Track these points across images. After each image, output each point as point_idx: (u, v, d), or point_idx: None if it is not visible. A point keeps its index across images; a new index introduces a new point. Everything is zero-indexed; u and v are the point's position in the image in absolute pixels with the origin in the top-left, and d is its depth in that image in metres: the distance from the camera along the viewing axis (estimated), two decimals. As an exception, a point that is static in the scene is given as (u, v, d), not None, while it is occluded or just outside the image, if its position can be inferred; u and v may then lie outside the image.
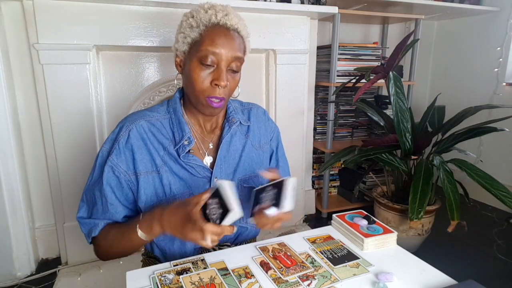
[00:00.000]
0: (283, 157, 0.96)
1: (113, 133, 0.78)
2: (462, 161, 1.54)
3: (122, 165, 0.75)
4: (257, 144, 0.88)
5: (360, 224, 0.82)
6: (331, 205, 2.24)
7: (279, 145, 0.96)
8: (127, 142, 0.75)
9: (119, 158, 0.75)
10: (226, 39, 0.72)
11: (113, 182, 0.75)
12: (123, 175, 0.75)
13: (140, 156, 0.76)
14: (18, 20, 1.44)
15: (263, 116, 0.92)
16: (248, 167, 0.85)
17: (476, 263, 1.73)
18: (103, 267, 1.60)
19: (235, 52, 0.72)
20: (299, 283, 0.64)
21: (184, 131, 0.78)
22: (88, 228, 0.77)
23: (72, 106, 1.50)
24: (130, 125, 0.77)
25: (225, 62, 0.72)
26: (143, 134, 0.77)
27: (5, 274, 1.53)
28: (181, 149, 0.77)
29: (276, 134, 0.95)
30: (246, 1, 1.60)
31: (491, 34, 2.35)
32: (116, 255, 0.79)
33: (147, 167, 0.76)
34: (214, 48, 0.70)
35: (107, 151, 0.77)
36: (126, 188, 0.77)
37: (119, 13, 1.49)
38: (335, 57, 1.97)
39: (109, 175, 0.75)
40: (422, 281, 0.66)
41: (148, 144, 0.76)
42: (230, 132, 0.83)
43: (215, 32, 0.72)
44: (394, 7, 2.14)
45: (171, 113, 0.81)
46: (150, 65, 1.69)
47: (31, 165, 1.61)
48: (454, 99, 2.43)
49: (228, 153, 0.83)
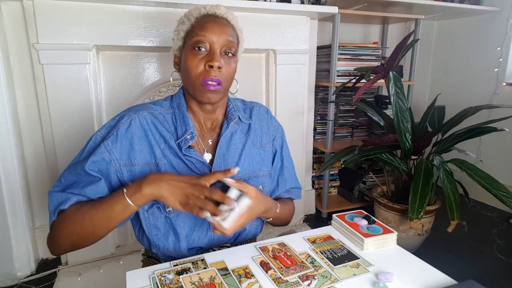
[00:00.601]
0: (288, 157, 0.95)
1: (113, 119, 0.77)
2: (462, 161, 1.54)
3: (116, 152, 0.73)
4: (258, 143, 0.88)
5: (360, 224, 0.82)
6: (331, 205, 2.24)
7: (283, 144, 0.94)
8: (127, 131, 0.75)
9: (114, 144, 0.73)
10: (216, 24, 0.74)
11: (100, 165, 0.72)
12: (114, 162, 0.73)
13: (140, 147, 0.75)
14: (18, 20, 1.45)
15: (265, 115, 0.91)
16: (248, 166, 0.84)
17: (476, 263, 1.73)
18: (103, 267, 1.60)
19: (226, 36, 0.74)
20: (299, 283, 0.64)
21: (188, 125, 0.78)
22: (57, 201, 0.70)
23: (72, 106, 1.50)
24: (133, 114, 0.77)
25: (218, 45, 0.74)
26: (145, 125, 0.77)
27: (5, 274, 1.53)
28: (183, 143, 0.77)
29: (280, 133, 0.93)
30: (246, 1, 1.60)
31: (491, 34, 2.35)
32: (79, 239, 0.70)
33: (146, 159, 0.76)
34: (206, 32, 0.73)
35: (101, 137, 0.75)
36: (113, 176, 0.73)
37: (119, 13, 1.49)
38: (335, 57, 1.97)
39: (98, 159, 0.72)
40: (422, 281, 0.66)
41: (150, 136, 0.76)
42: (230, 130, 0.83)
43: (205, 20, 0.75)
44: (394, 7, 2.14)
45: (175, 108, 0.81)
46: (150, 65, 1.69)
47: (31, 165, 1.61)
48: (454, 99, 2.43)
49: (227, 151, 0.82)
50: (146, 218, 0.77)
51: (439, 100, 1.85)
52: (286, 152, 0.95)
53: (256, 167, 0.86)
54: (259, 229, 0.91)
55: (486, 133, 1.60)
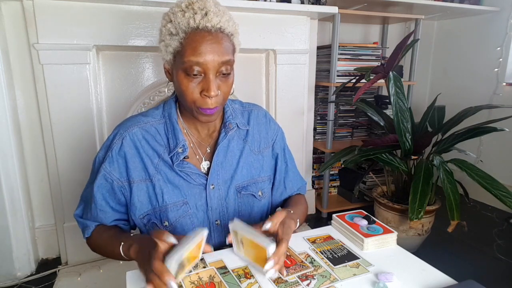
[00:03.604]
0: (290, 158, 0.94)
1: (108, 140, 0.78)
2: (462, 161, 1.54)
3: (115, 173, 0.76)
4: (256, 148, 0.85)
5: (360, 224, 0.82)
6: (331, 205, 2.24)
7: (285, 146, 0.93)
8: (120, 150, 0.75)
9: (112, 166, 0.75)
10: (209, 44, 0.65)
11: (104, 189, 0.77)
12: (116, 182, 0.76)
13: (133, 165, 0.75)
14: (18, 20, 1.44)
15: (264, 119, 0.88)
16: (247, 173, 0.83)
17: (476, 263, 1.73)
18: (103, 267, 1.60)
19: (221, 56, 0.67)
20: (298, 283, 0.64)
21: (178, 139, 0.76)
22: (81, 227, 0.81)
23: (72, 106, 1.50)
24: (123, 132, 0.76)
25: (213, 70, 0.67)
26: (137, 142, 0.76)
27: (5, 274, 1.53)
28: (175, 157, 0.76)
29: (280, 136, 0.91)
30: (246, 1, 1.60)
31: (491, 34, 2.35)
32: (108, 256, 0.80)
33: (140, 175, 0.76)
34: (198, 58, 0.65)
35: (101, 159, 0.77)
36: (118, 193, 0.77)
37: (119, 13, 1.49)
38: (335, 57, 1.97)
39: (101, 182, 0.76)
40: (422, 281, 0.66)
41: (141, 153, 0.76)
42: (227, 138, 0.81)
43: (196, 39, 0.65)
44: (394, 7, 2.14)
45: (166, 118, 0.79)
46: (150, 65, 1.69)
47: (31, 165, 1.61)
48: (454, 99, 2.43)
49: (225, 159, 0.80)
50: (148, 230, 0.80)
51: (439, 100, 1.85)
52: (288, 154, 0.94)
53: (255, 173, 0.84)
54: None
55: (486, 133, 1.60)
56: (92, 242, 0.81)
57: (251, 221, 0.80)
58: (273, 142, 0.90)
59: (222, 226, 0.82)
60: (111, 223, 0.80)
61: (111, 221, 0.79)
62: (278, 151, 0.90)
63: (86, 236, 0.81)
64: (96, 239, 0.79)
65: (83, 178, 1.55)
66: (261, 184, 0.85)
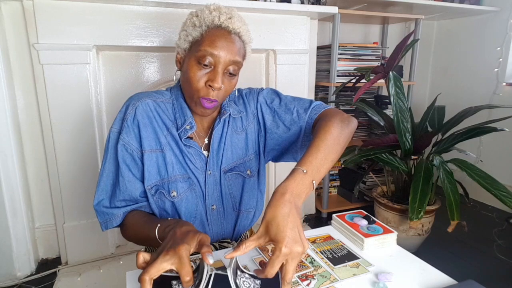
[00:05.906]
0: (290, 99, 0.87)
1: (121, 112, 0.78)
2: (462, 161, 1.54)
3: (133, 142, 0.76)
4: (240, 128, 0.85)
5: (360, 224, 0.82)
6: (331, 205, 2.24)
7: (275, 99, 0.87)
8: (134, 119, 0.76)
9: (129, 135, 0.76)
10: (226, 41, 0.71)
11: (128, 159, 0.76)
12: (135, 152, 0.76)
13: (146, 134, 0.77)
14: (18, 20, 1.45)
15: (244, 98, 0.87)
16: (231, 155, 0.84)
17: (476, 263, 1.73)
18: (103, 267, 1.60)
19: (233, 56, 0.72)
20: (298, 283, 0.64)
21: (186, 115, 0.79)
22: (104, 218, 0.78)
23: (72, 106, 1.51)
24: (136, 102, 0.77)
25: (223, 65, 0.72)
26: (149, 112, 0.77)
27: (5, 274, 1.53)
28: (183, 133, 0.78)
29: (263, 98, 0.87)
30: (246, 1, 1.60)
31: (491, 34, 2.35)
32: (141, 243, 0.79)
33: (152, 145, 0.77)
34: (213, 50, 0.70)
35: (117, 132, 0.77)
36: (140, 164, 0.77)
37: (119, 13, 1.49)
38: (335, 57, 1.97)
39: (123, 153, 0.76)
40: (422, 281, 0.66)
41: (154, 122, 0.77)
42: (221, 124, 0.83)
43: (216, 34, 0.71)
44: (394, 7, 2.14)
45: (173, 99, 0.82)
46: (150, 65, 1.69)
47: (31, 165, 1.61)
48: (454, 99, 2.44)
49: (218, 147, 0.83)
50: (156, 201, 0.79)
51: (439, 100, 1.85)
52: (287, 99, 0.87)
53: (241, 153, 0.85)
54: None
55: (486, 133, 1.60)
56: (127, 227, 0.77)
57: (245, 201, 0.85)
58: (256, 112, 0.87)
59: (217, 211, 0.84)
60: (141, 199, 0.78)
61: (140, 192, 0.78)
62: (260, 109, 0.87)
63: (110, 227, 0.77)
64: (132, 224, 0.76)
65: (83, 178, 1.55)
66: (248, 163, 0.86)
